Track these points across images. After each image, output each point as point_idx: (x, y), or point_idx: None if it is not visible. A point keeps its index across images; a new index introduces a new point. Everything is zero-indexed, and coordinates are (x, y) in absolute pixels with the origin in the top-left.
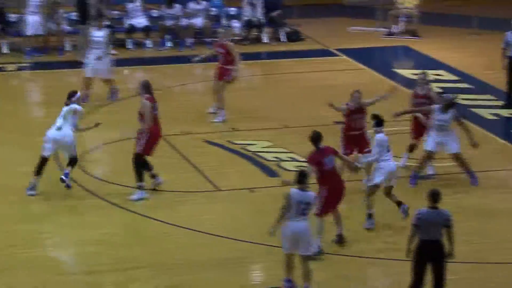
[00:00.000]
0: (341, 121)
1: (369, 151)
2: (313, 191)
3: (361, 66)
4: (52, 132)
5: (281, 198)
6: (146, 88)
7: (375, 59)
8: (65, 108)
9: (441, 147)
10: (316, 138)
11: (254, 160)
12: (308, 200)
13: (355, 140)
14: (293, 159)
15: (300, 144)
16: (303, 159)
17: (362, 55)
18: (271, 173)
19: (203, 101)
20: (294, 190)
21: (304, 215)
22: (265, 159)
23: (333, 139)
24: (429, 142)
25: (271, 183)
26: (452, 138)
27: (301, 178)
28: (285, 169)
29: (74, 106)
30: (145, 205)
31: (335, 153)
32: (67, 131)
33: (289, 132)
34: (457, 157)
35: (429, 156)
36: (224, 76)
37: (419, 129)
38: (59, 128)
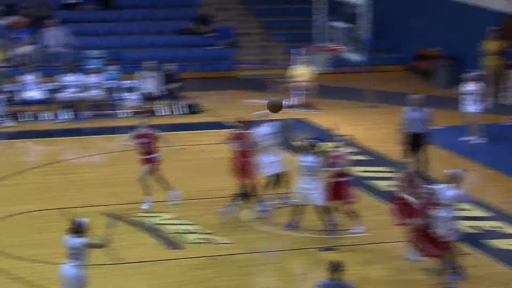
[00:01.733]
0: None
1: None
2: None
3: None
4: None
5: (185, 270)
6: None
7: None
8: None
9: None
10: None
11: (155, 232)
12: None
13: None
14: (195, 231)
15: (202, 216)
16: (207, 231)
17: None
18: (174, 245)
19: (101, 173)
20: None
21: None
22: (167, 231)
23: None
24: None
25: (174, 256)
26: None
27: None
28: (188, 241)
29: None
30: (42, 277)
31: None
32: None
33: (190, 203)
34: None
35: None
36: (149, 163)
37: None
38: None
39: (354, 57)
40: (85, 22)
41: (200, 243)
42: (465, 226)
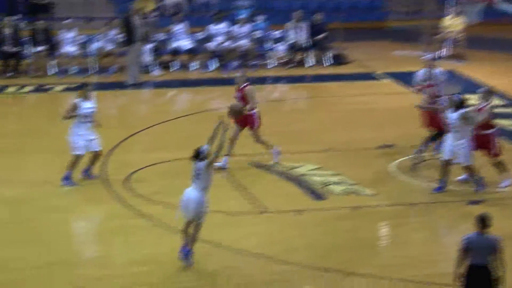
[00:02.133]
0: (388, 144)
1: None
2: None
3: (405, 90)
4: None
5: (330, 221)
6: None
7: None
8: None
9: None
10: None
11: (300, 182)
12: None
13: None
14: (340, 182)
15: (346, 167)
16: (351, 182)
17: (407, 79)
18: (319, 196)
19: None
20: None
21: None
22: (312, 182)
23: (375, 162)
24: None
25: (319, 206)
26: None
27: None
28: (332, 192)
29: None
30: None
31: None
32: None
33: (335, 155)
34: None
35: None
36: (247, 124)
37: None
38: None
39: (508, 7)
40: None
41: (345, 194)
42: None
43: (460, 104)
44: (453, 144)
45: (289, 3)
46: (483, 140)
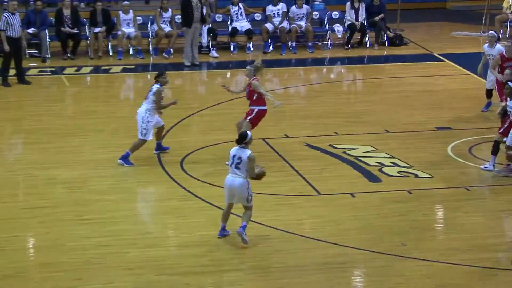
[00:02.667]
0: (445, 126)
1: None
2: None
3: (465, 71)
4: None
5: (384, 203)
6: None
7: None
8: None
9: None
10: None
11: (355, 164)
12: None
13: None
14: (395, 165)
15: (402, 149)
16: (406, 165)
17: (467, 60)
18: (373, 178)
19: (304, 105)
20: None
21: None
22: (367, 164)
23: (432, 144)
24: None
25: (373, 189)
26: None
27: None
28: (387, 174)
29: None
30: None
31: None
32: None
33: (391, 137)
34: None
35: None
36: (247, 116)
37: None
38: None
39: None
40: None
41: (400, 176)
42: None
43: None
44: None
45: None
46: None
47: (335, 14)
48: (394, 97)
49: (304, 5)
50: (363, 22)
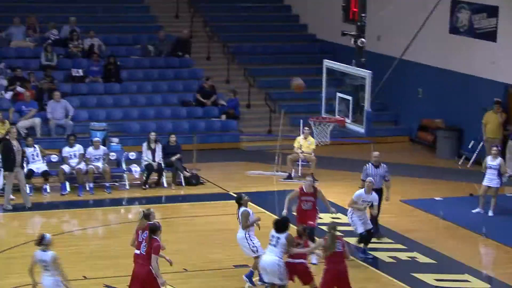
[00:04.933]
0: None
1: None
2: None
3: (260, 209)
4: None
5: None
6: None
7: (273, 203)
8: None
9: None
10: None
11: None
12: None
13: None
14: None
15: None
16: None
17: (261, 199)
18: None
19: (103, 245)
20: None
21: None
22: None
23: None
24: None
25: None
26: None
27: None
28: None
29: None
30: None
31: None
32: None
33: (191, 276)
34: None
35: None
36: None
37: None
38: None
39: (357, 128)
40: (90, 94)
41: None
42: None
43: None
44: None
45: (143, 125)
46: None
47: (132, 155)
48: (191, 236)
49: (101, 146)
50: (160, 162)
